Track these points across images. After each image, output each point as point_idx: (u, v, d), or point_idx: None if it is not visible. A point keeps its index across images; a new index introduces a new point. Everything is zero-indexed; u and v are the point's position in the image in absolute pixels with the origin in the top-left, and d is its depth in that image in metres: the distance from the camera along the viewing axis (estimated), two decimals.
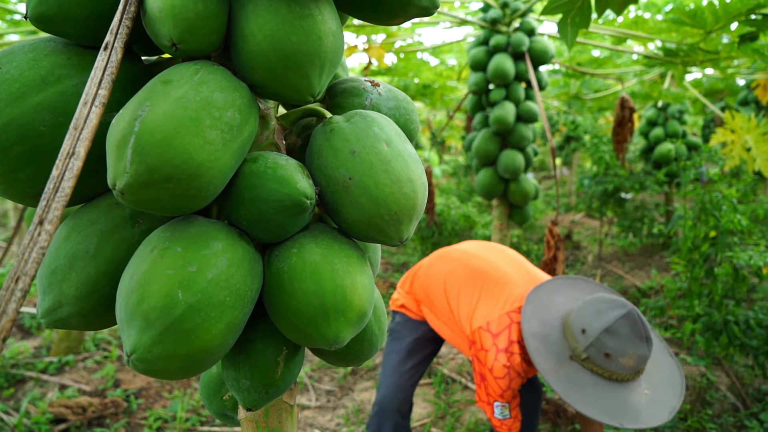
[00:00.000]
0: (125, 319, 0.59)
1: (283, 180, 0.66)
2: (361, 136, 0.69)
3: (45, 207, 0.50)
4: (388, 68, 4.16)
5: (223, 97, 0.63)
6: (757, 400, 3.11)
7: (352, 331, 0.68)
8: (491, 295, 2.04)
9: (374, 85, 0.84)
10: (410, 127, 0.85)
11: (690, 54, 3.16)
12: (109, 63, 0.59)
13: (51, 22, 0.66)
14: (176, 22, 0.63)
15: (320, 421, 3.14)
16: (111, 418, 3.01)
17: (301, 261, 0.68)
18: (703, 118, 8.30)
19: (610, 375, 1.69)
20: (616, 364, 1.67)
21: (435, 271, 2.28)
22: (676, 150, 5.49)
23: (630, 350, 1.67)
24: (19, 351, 3.67)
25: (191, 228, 0.65)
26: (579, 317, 1.78)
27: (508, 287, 2.05)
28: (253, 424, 0.86)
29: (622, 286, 5.29)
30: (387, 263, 6.38)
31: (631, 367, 1.68)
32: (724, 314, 3.02)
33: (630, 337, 1.68)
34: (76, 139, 0.54)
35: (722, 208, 3.12)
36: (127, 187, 0.56)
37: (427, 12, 0.77)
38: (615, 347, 1.67)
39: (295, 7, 0.67)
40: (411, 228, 0.71)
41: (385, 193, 0.67)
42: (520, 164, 3.53)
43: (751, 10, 2.44)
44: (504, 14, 3.50)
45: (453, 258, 2.30)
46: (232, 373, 0.74)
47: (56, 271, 0.66)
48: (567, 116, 8.64)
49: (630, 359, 1.67)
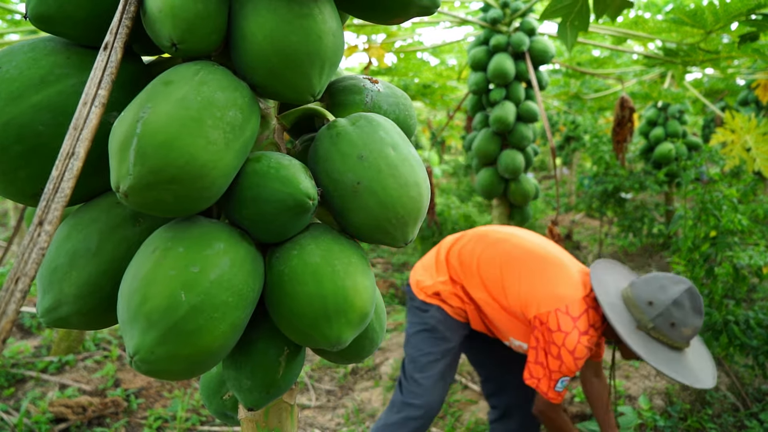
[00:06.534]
0: (128, 320, 0.59)
1: (286, 180, 0.66)
2: (368, 141, 0.70)
3: (45, 207, 0.50)
4: (388, 68, 4.16)
5: (225, 96, 0.63)
6: (757, 400, 3.11)
7: (353, 332, 0.68)
8: (557, 277, 2.12)
9: (373, 83, 0.84)
10: (409, 122, 0.86)
11: (690, 54, 3.15)
12: (108, 63, 0.59)
13: (51, 22, 0.65)
14: (176, 22, 0.63)
15: (320, 420, 3.14)
16: (111, 417, 3.01)
17: (302, 263, 0.68)
18: (703, 118, 8.30)
19: (672, 343, 1.94)
20: (678, 333, 1.92)
21: (486, 253, 2.23)
22: (677, 150, 5.49)
23: (690, 321, 1.92)
24: (19, 350, 3.67)
25: (193, 228, 0.64)
26: (643, 292, 1.99)
27: (567, 270, 2.15)
28: (253, 423, 0.86)
29: None
30: (387, 263, 6.38)
31: (688, 337, 1.93)
32: (724, 314, 3.02)
33: (691, 309, 1.93)
34: (76, 139, 0.54)
35: (722, 208, 3.12)
36: (131, 189, 0.56)
37: (427, 11, 0.77)
38: (680, 317, 1.91)
39: (295, 6, 0.66)
40: (416, 230, 0.72)
41: (393, 197, 0.68)
42: (520, 164, 3.53)
43: (752, 10, 2.44)
44: (504, 14, 3.50)
45: (501, 239, 2.28)
46: (233, 373, 0.74)
47: (57, 270, 0.66)
48: (567, 116, 8.64)
49: (689, 329, 1.92)
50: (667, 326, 1.92)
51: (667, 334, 1.93)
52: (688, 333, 1.93)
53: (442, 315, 2.26)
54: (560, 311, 2.00)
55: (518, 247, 2.23)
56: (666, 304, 1.92)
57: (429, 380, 2.20)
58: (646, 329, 1.95)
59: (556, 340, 1.98)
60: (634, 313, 1.98)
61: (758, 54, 3.00)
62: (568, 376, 2.00)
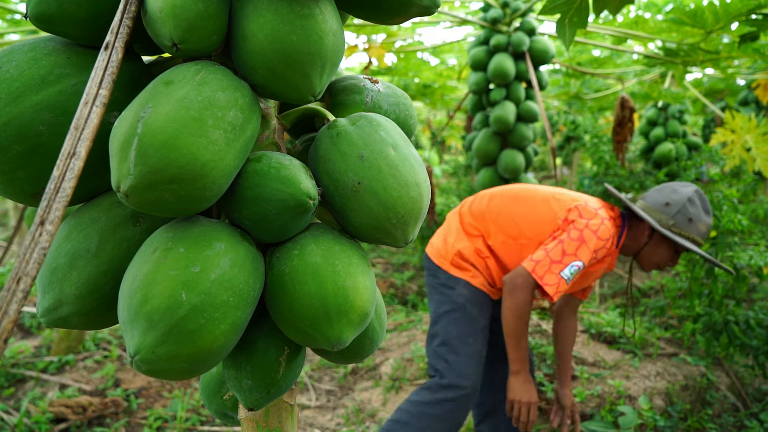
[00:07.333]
0: (128, 320, 0.59)
1: (287, 180, 0.66)
2: (369, 141, 0.70)
3: (46, 207, 0.50)
4: (389, 68, 4.16)
5: (225, 96, 0.63)
6: (757, 400, 3.11)
7: (354, 332, 0.68)
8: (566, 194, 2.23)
9: (373, 82, 0.84)
10: (409, 122, 0.86)
11: (690, 54, 3.15)
12: (109, 63, 0.59)
13: (51, 22, 0.65)
14: (177, 22, 0.63)
15: (320, 420, 3.14)
16: (111, 417, 3.01)
17: (302, 263, 0.68)
18: (704, 118, 8.30)
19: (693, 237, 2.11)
20: (696, 228, 2.10)
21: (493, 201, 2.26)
22: (677, 150, 5.49)
23: (703, 218, 2.12)
24: (19, 350, 3.67)
25: (193, 228, 0.64)
26: (658, 197, 2.17)
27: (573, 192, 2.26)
28: (253, 423, 0.86)
29: (622, 286, 5.29)
30: (387, 263, 6.38)
31: (704, 233, 2.12)
32: (725, 314, 3.02)
33: (702, 207, 2.14)
34: (77, 139, 0.54)
35: (723, 208, 3.12)
36: (132, 189, 0.56)
37: (427, 11, 0.77)
38: (695, 213, 2.11)
39: (296, 6, 0.66)
40: (416, 230, 0.72)
41: (394, 197, 0.68)
42: (520, 164, 3.53)
43: (752, 10, 2.44)
44: (504, 14, 3.50)
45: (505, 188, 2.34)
46: (233, 373, 0.74)
47: (57, 270, 0.66)
48: (567, 116, 8.64)
49: (704, 225, 2.12)
50: (686, 222, 2.09)
51: (687, 228, 2.10)
52: (704, 229, 2.11)
53: (469, 291, 2.19)
54: (579, 205, 2.11)
55: (521, 188, 2.33)
56: (682, 202, 2.11)
57: (463, 362, 2.11)
58: (668, 226, 2.11)
59: (578, 225, 2.04)
60: (654, 216, 2.13)
61: (758, 54, 3.00)
62: (582, 264, 1.97)
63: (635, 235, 2.18)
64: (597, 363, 3.35)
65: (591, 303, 4.76)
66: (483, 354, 2.18)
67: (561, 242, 2.01)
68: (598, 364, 3.34)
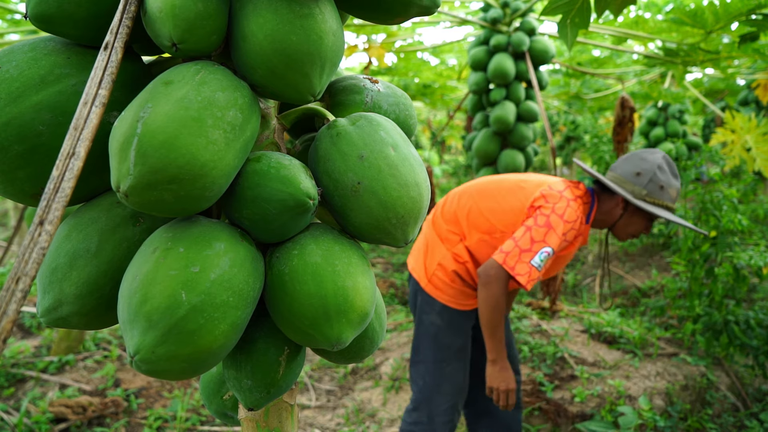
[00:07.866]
0: (128, 320, 0.59)
1: (287, 180, 0.66)
2: (369, 141, 0.70)
3: (45, 207, 0.50)
4: (389, 68, 4.17)
5: (225, 96, 0.63)
6: (757, 400, 3.11)
7: (354, 332, 0.68)
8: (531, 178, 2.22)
9: (373, 82, 0.84)
10: (409, 122, 0.86)
11: (690, 54, 3.15)
12: (109, 63, 0.59)
13: (51, 22, 0.65)
14: (177, 22, 0.63)
15: (320, 420, 3.14)
16: (111, 417, 3.01)
17: (302, 263, 0.68)
18: (704, 118, 8.30)
19: (666, 204, 2.13)
20: (668, 195, 2.12)
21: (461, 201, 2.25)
22: (677, 150, 5.50)
23: (673, 182, 2.14)
24: (19, 350, 3.67)
25: (193, 228, 0.64)
26: (627, 166, 2.16)
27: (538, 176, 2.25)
28: (253, 423, 0.86)
29: (622, 286, 5.29)
30: (387, 263, 6.38)
31: (674, 198, 2.14)
32: (725, 314, 3.02)
33: (670, 172, 2.15)
34: (77, 139, 0.54)
35: (723, 208, 3.12)
36: (131, 189, 0.56)
37: (427, 11, 0.77)
38: (665, 180, 2.11)
39: (296, 6, 0.66)
40: (416, 230, 0.72)
41: (393, 197, 0.68)
42: (520, 164, 3.53)
43: (752, 10, 2.44)
44: (504, 14, 3.50)
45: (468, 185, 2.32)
46: (233, 372, 0.74)
47: (57, 270, 0.66)
48: (567, 116, 8.64)
49: (674, 190, 2.14)
50: (658, 190, 2.10)
51: (660, 197, 2.11)
52: (674, 194, 2.14)
53: (443, 319, 2.21)
54: (543, 191, 2.10)
55: (487, 180, 2.32)
56: (653, 170, 2.11)
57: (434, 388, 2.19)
58: (642, 197, 2.11)
59: (545, 211, 2.03)
60: (626, 187, 2.13)
61: (758, 54, 3.00)
62: (552, 249, 1.97)
63: (608, 208, 2.17)
64: (597, 363, 3.35)
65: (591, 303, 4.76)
66: (461, 373, 2.24)
67: (529, 229, 2.00)
68: (598, 364, 3.34)
